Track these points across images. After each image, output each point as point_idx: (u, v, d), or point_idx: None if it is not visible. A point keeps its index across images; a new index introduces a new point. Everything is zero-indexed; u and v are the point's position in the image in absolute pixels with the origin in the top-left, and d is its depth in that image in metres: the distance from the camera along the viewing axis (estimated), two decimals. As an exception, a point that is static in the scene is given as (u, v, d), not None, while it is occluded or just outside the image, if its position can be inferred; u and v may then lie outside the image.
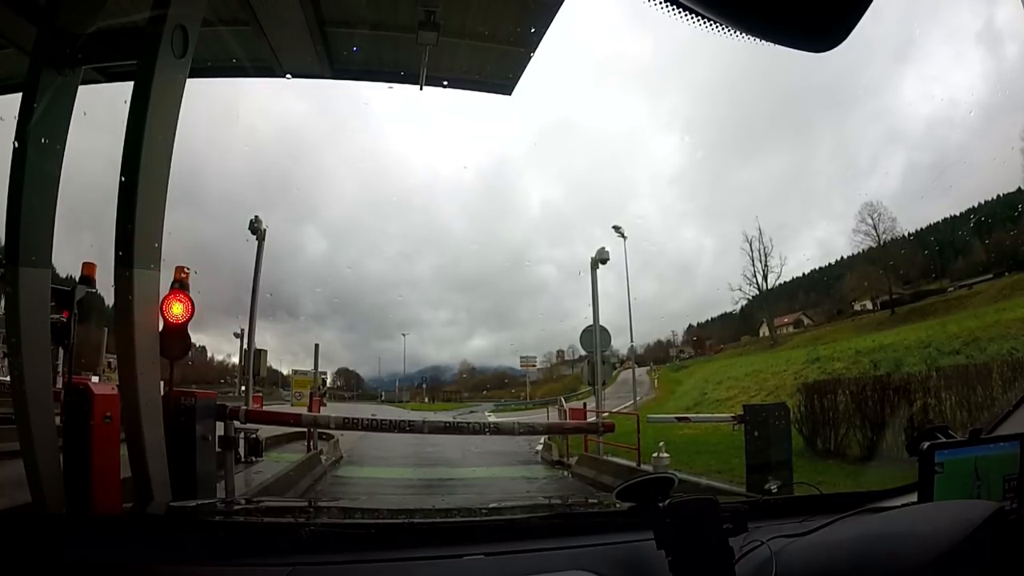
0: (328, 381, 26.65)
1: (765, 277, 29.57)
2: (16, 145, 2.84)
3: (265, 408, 10.04)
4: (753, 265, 29.48)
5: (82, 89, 3.15)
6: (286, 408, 13.81)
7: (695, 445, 9.45)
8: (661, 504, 1.16)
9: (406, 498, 7.77)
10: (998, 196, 22.60)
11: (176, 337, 4.49)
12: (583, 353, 11.91)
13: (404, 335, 35.86)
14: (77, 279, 4.31)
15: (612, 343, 12.76)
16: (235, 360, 17.09)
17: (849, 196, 32.65)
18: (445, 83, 5.77)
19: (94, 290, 4.29)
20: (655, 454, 7.27)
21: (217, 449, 4.89)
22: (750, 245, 29.55)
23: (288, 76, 5.58)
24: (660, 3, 0.61)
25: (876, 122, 35.72)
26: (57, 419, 3.10)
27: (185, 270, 4.63)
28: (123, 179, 2.87)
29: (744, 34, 0.64)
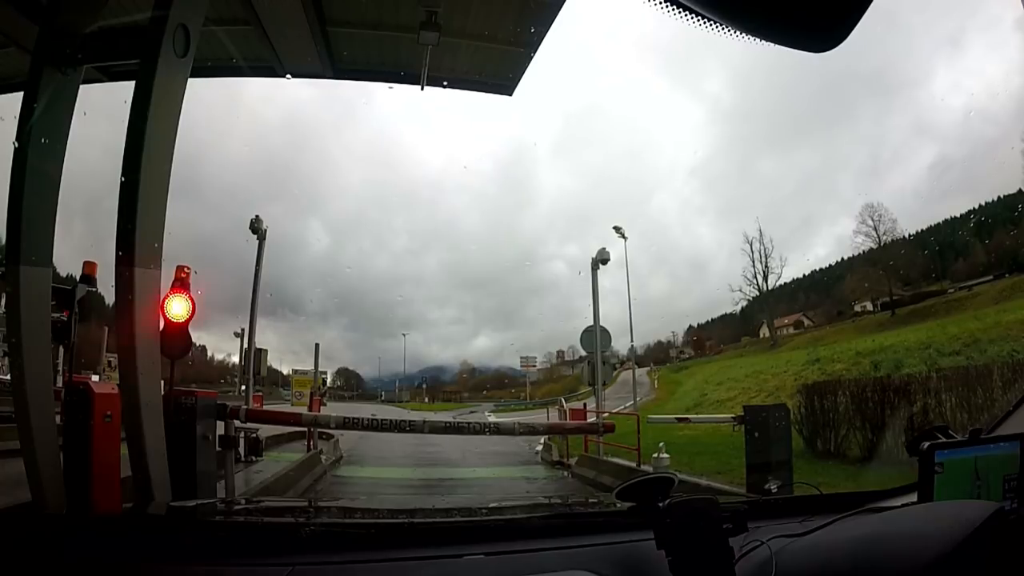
0: (328, 381, 26.71)
1: (765, 278, 29.64)
2: (16, 144, 2.84)
3: (265, 407, 10.04)
4: (754, 266, 29.55)
5: (83, 88, 3.15)
6: (286, 408, 13.81)
7: (695, 446, 9.46)
8: (661, 504, 1.16)
9: (406, 498, 7.76)
10: (998, 197, 22.66)
11: (177, 336, 4.50)
12: (583, 353, 11.92)
13: (404, 335, 35.95)
14: (78, 278, 4.32)
15: (613, 344, 12.80)
16: (235, 359, 17.17)
17: (868, 193, 32.60)
18: (445, 83, 5.77)
19: (95, 289, 4.30)
20: (655, 455, 7.26)
21: (217, 449, 4.88)
22: (750, 246, 29.62)
23: (288, 76, 5.58)
24: (660, 3, 0.61)
25: (899, 117, 35.64)
26: (57, 418, 3.09)
27: (186, 269, 4.63)
28: (124, 178, 2.87)
29: (744, 34, 0.64)
